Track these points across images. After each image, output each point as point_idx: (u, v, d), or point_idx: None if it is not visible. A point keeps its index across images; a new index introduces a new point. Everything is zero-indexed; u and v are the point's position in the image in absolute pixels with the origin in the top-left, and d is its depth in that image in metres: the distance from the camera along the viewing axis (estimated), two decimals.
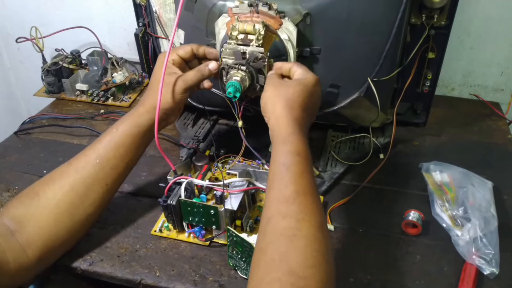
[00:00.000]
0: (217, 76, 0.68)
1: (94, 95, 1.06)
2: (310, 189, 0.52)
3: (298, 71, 0.64)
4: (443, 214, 0.70)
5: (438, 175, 0.76)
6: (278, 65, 0.66)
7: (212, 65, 0.67)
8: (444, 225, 0.69)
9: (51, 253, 0.62)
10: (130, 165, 0.68)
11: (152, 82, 0.68)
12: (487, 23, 0.97)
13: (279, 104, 0.58)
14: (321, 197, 0.75)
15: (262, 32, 0.63)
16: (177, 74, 0.66)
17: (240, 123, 0.67)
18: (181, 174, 0.69)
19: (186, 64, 0.70)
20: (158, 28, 0.82)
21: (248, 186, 0.67)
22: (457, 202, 0.70)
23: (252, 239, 0.59)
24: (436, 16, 0.72)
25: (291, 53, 0.68)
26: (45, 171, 0.84)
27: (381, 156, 0.84)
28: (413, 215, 0.68)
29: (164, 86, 0.64)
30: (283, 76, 0.66)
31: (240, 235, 0.60)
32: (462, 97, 1.07)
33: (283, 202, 0.50)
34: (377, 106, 0.75)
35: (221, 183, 0.67)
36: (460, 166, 0.76)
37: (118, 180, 0.67)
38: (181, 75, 0.66)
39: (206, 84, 0.69)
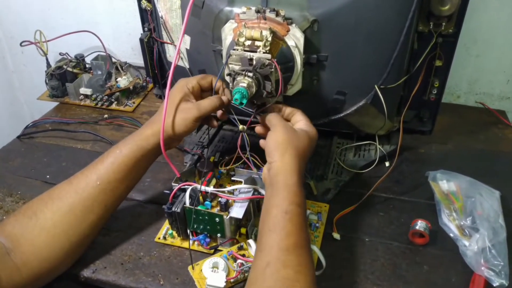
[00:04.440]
0: (224, 116, 0.70)
1: (98, 99, 1.05)
2: (307, 242, 0.55)
3: (303, 121, 0.65)
4: (450, 223, 0.70)
5: (445, 184, 0.75)
6: (279, 107, 0.67)
7: (225, 99, 0.68)
8: (451, 235, 0.69)
9: (46, 274, 0.61)
10: (130, 187, 0.67)
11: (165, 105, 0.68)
12: (494, 31, 0.96)
13: (289, 152, 0.59)
14: (327, 205, 0.74)
15: (270, 39, 0.62)
16: (192, 102, 0.66)
17: (241, 127, 0.67)
18: (186, 181, 0.68)
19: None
20: (163, 33, 0.82)
21: (253, 194, 0.66)
22: (465, 212, 0.69)
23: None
24: (443, 24, 0.72)
25: (298, 60, 0.67)
26: (48, 176, 0.84)
27: (387, 164, 0.83)
28: (420, 225, 0.68)
29: (178, 112, 0.65)
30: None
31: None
32: (467, 105, 1.06)
33: (284, 251, 0.53)
34: (383, 114, 0.74)
35: (226, 189, 0.67)
36: (466, 175, 0.76)
37: (117, 201, 0.66)
38: (195, 103, 0.66)
39: (214, 123, 0.71)
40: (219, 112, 0.70)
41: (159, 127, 0.65)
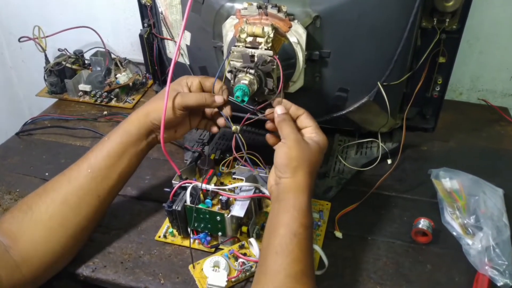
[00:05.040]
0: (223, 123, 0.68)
1: (97, 96, 1.05)
2: (312, 269, 0.54)
3: (312, 129, 0.61)
4: (453, 222, 0.69)
5: (448, 182, 0.74)
6: (288, 105, 0.63)
7: (219, 98, 0.65)
8: (454, 233, 0.68)
9: (46, 271, 0.60)
10: (123, 177, 0.66)
11: (158, 94, 0.67)
12: (497, 27, 0.96)
13: (302, 169, 0.57)
14: (329, 203, 0.73)
15: (271, 35, 0.61)
16: (181, 91, 0.65)
17: (234, 128, 0.65)
18: (186, 178, 0.68)
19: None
20: (163, 29, 0.81)
21: (255, 192, 0.65)
22: (468, 210, 0.68)
23: None
24: (447, 20, 0.71)
25: (300, 56, 0.66)
26: (47, 173, 0.83)
27: (389, 161, 0.82)
28: (423, 223, 0.67)
29: (163, 98, 0.63)
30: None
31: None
32: (470, 102, 1.06)
33: (291, 278, 0.51)
34: (386, 111, 0.74)
35: (227, 187, 0.66)
36: (469, 172, 0.75)
37: (111, 192, 0.65)
38: (182, 92, 0.65)
39: (214, 129, 0.70)
40: (220, 121, 0.68)
41: (143, 111, 0.65)
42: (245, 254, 0.64)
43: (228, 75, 0.64)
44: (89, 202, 0.63)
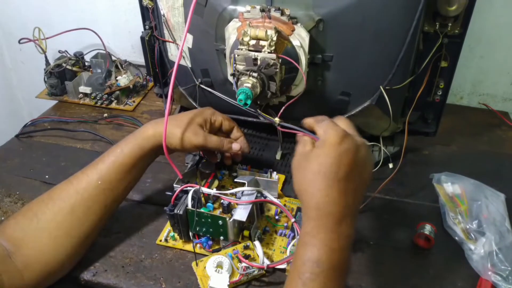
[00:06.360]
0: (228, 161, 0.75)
1: (98, 98, 1.04)
2: None
3: (320, 131, 0.52)
4: (455, 227, 0.69)
5: (449, 186, 0.74)
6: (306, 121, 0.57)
7: (236, 145, 0.69)
8: (456, 238, 0.68)
9: (49, 277, 0.60)
10: (130, 187, 0.67)
11: (182, 116, 0.67)
12: (499, 31, 0.96)
13: (302, 192, 0.50)
14: None
15: (275, 38, 0.61)
16: (204, 130, 0.67)
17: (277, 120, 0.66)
18: (188, 182, 0.67)
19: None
20: (165, 31, 0.80)
21: (257, 196, 0.65)
22: (471, 215, 0.68)
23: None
24: (450, 24, 0.71)
25: (303, 60, 0.66)
26: (47, 176, 0.82)
27: (391, 165, 0.82)
28: (425, 228, 0.67)
29: (187, 130, 0.65)
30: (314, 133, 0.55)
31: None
32: (471, 106, 1.06)
33: None
34: (388, 115, 0.74)
35: (229, 191, 0.66)
36: (470, 177, 0.75)
37: (117, 201, 0.66)
38: (206, 134, 0.67)
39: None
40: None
41: (161, 130, 0.64)
42: (249, 256, 0.63)
43: (231, 78, 0.64)
44: (96, 212, 0.63)
